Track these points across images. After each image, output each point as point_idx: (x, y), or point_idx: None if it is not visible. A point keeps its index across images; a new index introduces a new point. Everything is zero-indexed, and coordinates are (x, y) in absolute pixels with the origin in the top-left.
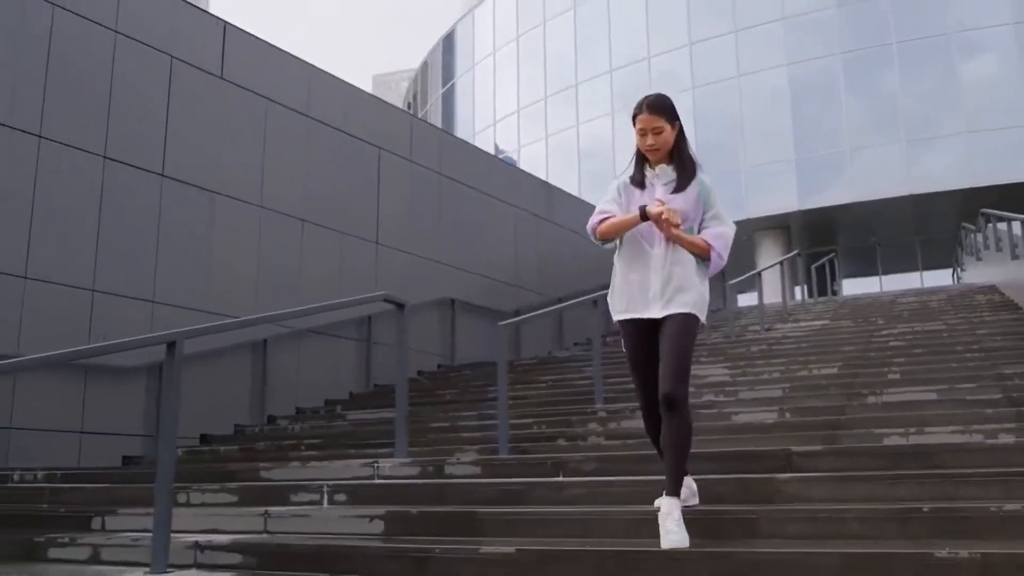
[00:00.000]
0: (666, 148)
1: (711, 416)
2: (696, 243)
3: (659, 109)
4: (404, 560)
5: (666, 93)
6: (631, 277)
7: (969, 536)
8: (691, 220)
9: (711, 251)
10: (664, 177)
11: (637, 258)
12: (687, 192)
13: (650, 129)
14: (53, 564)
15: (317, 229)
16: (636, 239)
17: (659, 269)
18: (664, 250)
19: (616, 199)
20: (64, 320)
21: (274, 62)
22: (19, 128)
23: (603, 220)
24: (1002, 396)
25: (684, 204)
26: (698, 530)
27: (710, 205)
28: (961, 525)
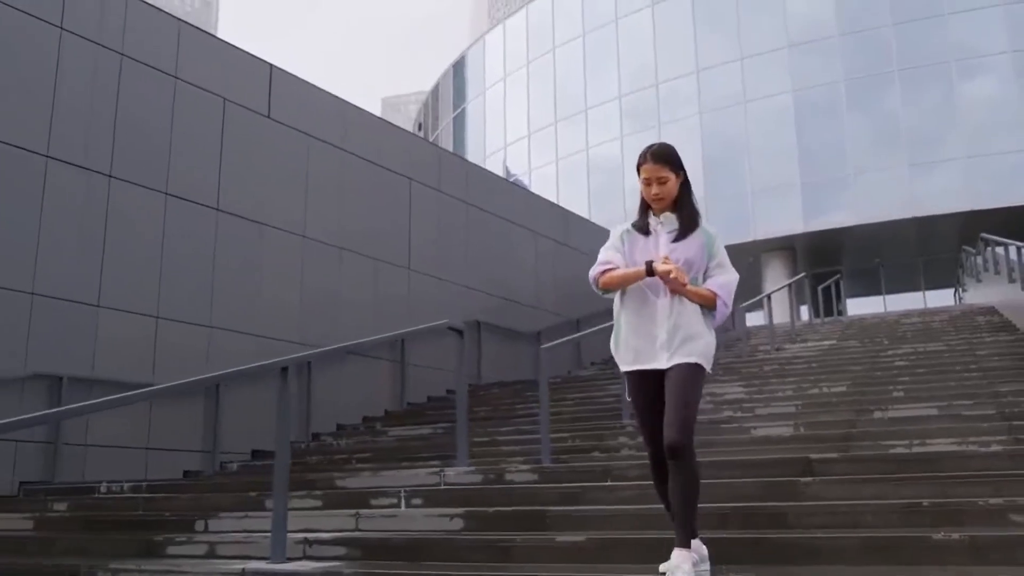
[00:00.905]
0: (670, 197)
1: (731, 430)
2: (702, 294)
3: (664, 159)
4: (490, 550)
5: (675, 118)
6: (637, 328)
7: (960, 524)
8: (696, 269)
9: (717, 300)
10: (668, 225)
11: (642, 308)
12: (691, 241)
13: (655, 179)
14: (177, 559)
15: (354, 256)
16: (640, 289)
17: (665, 319)
18: (670, 300)
19: (618, 247)
20: (132, 345)
21: (314, 100)
22: (93, 169)
23: (605, 271)
24: (996, 412)
25: (687, 253)
26: (733, 522)
27: (714, 254)
28: (954, 516)
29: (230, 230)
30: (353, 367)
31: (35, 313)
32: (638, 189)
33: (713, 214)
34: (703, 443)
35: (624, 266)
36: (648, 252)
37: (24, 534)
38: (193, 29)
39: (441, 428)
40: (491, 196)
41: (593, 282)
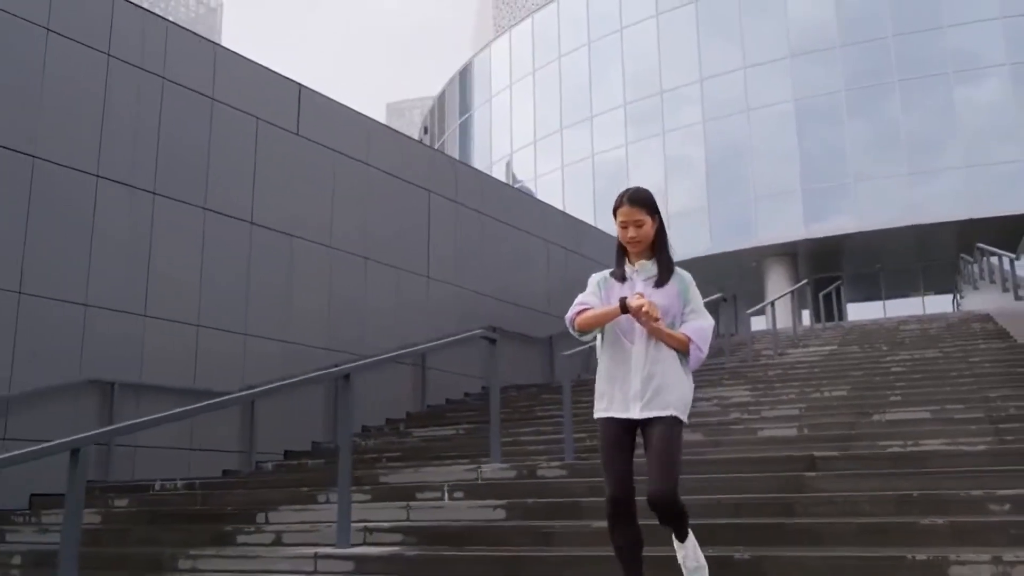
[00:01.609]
0: (647, 241)
1: (739, 431)
2: (677, 337)
3: (640, 202)
4: (533, 535)
5: (679, 126)
6: (612, 375)
7: (945, 512)
8: (672, 315)
9: (691, 345)
10: (644, 273)
11: (616, 355)
12: (667, 288)
13: (631, 222)
14: (249, 547)
15: (377, 265)
16: (616, 336)
17: (639, 368)
18: (644, 347)
19: (596, 293)
20: (176, 351)
21: (340, 117)
22: (138, 186)
23: (581, 311)
24: (984, 416)
25: (665, 299)
26: (746, 511)
27: (689, 300)
28: (940, 505)
29: (263, 242)
30: (377, 371)
31: (88, 323)
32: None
33: (716, 220)
34: (712, 443)
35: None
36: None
37: (95, 527)
38: (227, 52)
39: (463, 429)
40: (505, 206)
41: (570, 324)
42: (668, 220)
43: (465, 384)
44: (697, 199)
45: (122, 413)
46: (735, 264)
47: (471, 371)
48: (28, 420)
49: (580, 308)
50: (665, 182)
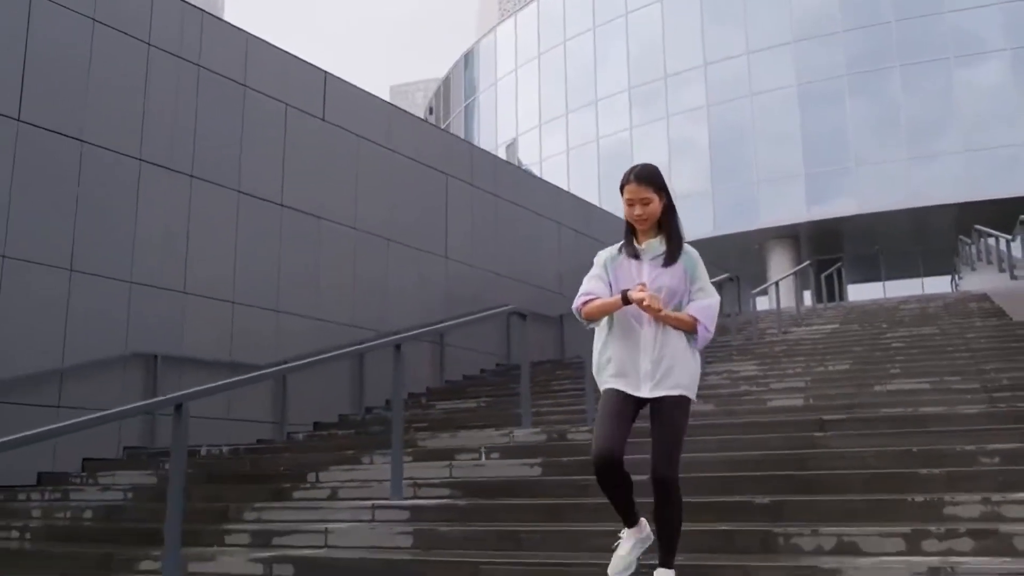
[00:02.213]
0: (653, 219)
1: (751, 401)
2: (683, 319)
3: (647, 180)
4: (571, 487)
5: (683, 110)
6: (621, 356)
7: (941, 464)
8: (679, 295)
9: (697, 325)
10: (652, 251)
11: (627, 337)
12: (674, 268)
13: (638, 200)
14: (308, 500)
15: (399, 247)
16: (626, 318)
17: (649, 350)
18: (654, 330)
19: (602, 275)
20: (213, 327)
21: (363, 103)
22: (177, 170)
23: (588, 301)
24: (980, 386)
25: (672, 280)
26: (765, 465)
27: (696, 278)
28: (937, 459)
29: (293, 224)
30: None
31: (132, 300)
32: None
33: (720, 203)
34: (725, 412)
35: (608, 294)
36: (631, 279)
37: (155, 486)
38: (258, 40)
39: (483, 402)
40: (517, 189)
41: (577, 313)
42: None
43: (481, 361)
44: (701, 182)
45: (165, 384)
46: (738, 246)
47: (486, 348)
48: (80, 390)
49: (586, 298)
50: (669, 165)
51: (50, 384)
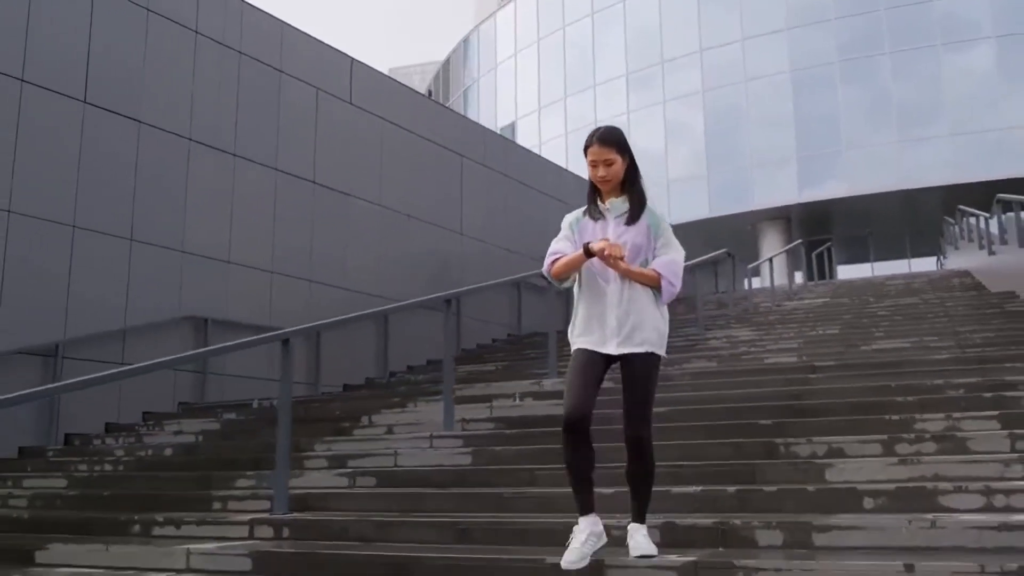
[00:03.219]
0: (616, 180)
1: (749, 359)
2: (646, 274)
3: (610, 142)
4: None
5: (679, 95)
6: (591, 313)
7: (915, 394)
8: (644, 252)
9: (661, 279)
10: (616, 210)
11: (594, 294)
12: (638, 225)
13: (601, 161)
14: (368, 435)
15: (419, 223)
16: (592, 276)
17: (615, 305)
18: (619, 286)
19: (569, 236)
20: (254, 294)
21: (385, 88)
22: (222, 149)
23: (555, 260)
24: (954, 344)
25: (636, 236)
26: (766, 397)
27: (660, 234)
28: (910, 389)
29: (324, 201)
30: (416, 318)
31: (184, 267)
32: (641, 154)
33: (714, 185)
34: (726, 370)
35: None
36: (596, 237)
37: (219, 431)
38: (292, 28)
39: (500, 366)
40: (527, 170)
41: (547, 274)
42: (668, 185)
43: (492, 331)
44: (696, 165)
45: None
46: (732, 228)
47: (497, 319)
48: (140, 348)
49: (554, 257)
50: (665, 149)
51: (114, 343)
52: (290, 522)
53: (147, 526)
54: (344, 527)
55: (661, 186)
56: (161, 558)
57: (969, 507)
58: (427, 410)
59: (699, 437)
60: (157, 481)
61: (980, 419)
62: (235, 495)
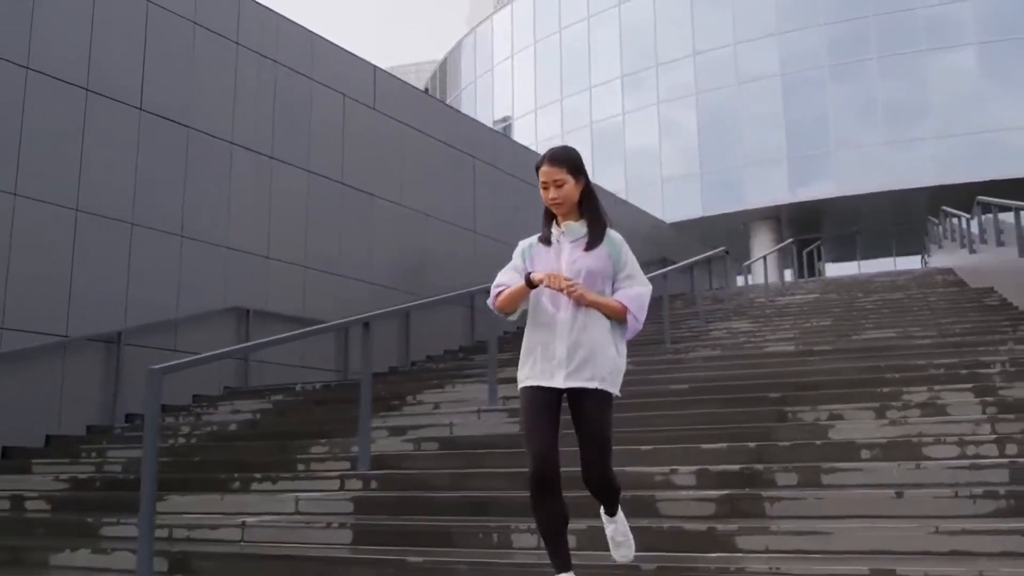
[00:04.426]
0: (569, 202)
1: (750, 348)
2: (612, 306)
3: (561, 161)
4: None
5: (673, 97)
6: (535, 342)
7: (902, 372)
8: (601, 280)
9: (627, 313)
10: (571, 235)
11: (541, 322)
12: (597, 250)
13: (551, 182)
14: (418, 410)
15: (435, 222)
16: (541, 303)
17: (565, 335)
18: (571, 315)
19: (519, 265)
20: (290, 287)
21: (405, 94)
22: (261, 152)
23: (499, 293)
24: (937, 333)
25: (594, 262)
26: (771, 376)
27: (622, 266)
28: (898, 368)
29: (351, 201)
30: (433, 313)
31: (228, 262)
32: (636, 154)
33: (707, 185)
34: (730, 350)
35: None
36: (549, 264)
37: (273, 410)
38: (321, 38)
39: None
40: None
41: (492, 306)
42: (662, 184)
43: (504, 324)
44: (689, 165)
45: (255, 333)
46: (724, 226)
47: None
48: (190, 336)
49: (498, 289)
50: (659, 149)
51: (166, 331)
52: (375, 476)
53: (246, 483)
54: (423, 479)
55: (655, 185)
56: (272, 504)
57: (946, 455)
58: (466, 390)
59: (717, 407)
60: (235, 450)
61: (957, 391)
62: (314, 458)
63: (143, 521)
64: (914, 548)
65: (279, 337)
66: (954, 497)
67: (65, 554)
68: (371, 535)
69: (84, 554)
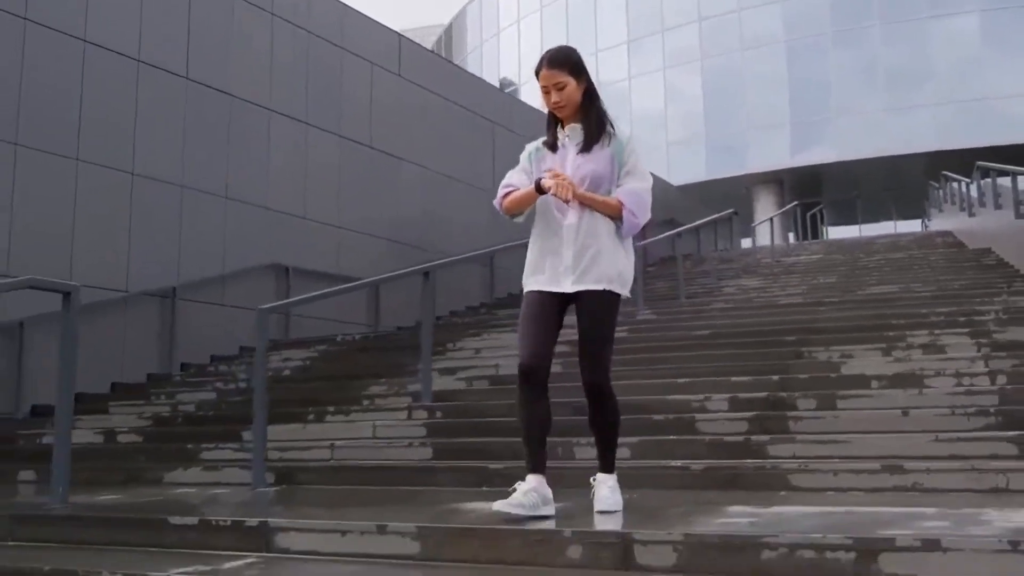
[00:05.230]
0: (573, 104)
1: (762, 301)
2: (608, 203)
3: (561, 63)
4: (646, 340)
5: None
6: (543, 249)
7: (905, 318)
8: (606, 182)
9: (623, 209)
10: (576, 137)
11: (549, 229)
12: (599, 152)
13: (552, 85)
14: (461, 355)
15: (458, 184)
16: (548, 209)
17: (571, 241)
18: (577, 220)
19: (526, 168)
20: (325, 246)
21: (428, 62)
22: (299, 119)
23: (507, 194)
24: (936, 288)
25: (597, 165)
26: (786, 323)
27: (625, 162)
28: (901, 315)
29: (379, 164)
30: (453, 270)
31: (269, 223)
32: (641, 119)
33: (711, 149)
34: (744, 303)
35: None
36: (555, 168)
37: (319, 360)
38: (352, 10)
39: None
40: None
41: (498, 207)
42: (667, 148)
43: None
44: (694, 130)
45: (296, 288)
46: (727, 190)
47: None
48: (236, 291)
49: (506, 191)
50: (665, 114)
51: (215, 287)
52: (439, 407)
53: (320, 415)
54: (481, 409)
55: (660, 149)
56: (351, 431)
57: (945, 385)
58: (502, 337)
59: (739, 348)
60: (299, 390)
61: (955, 334)
62: (376, 395)
63: (257, 435)
64: (918, 453)
65: (364, 282)
66: (951, 415)
67: (177, 472)
68: (448, 452)
69: (195, 471)
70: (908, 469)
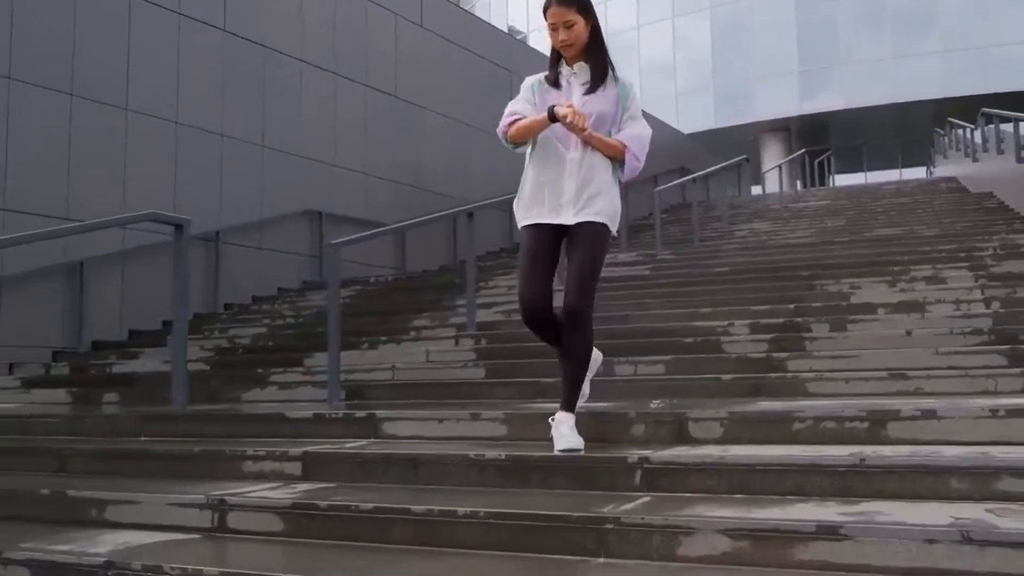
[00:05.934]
0: (580, 43)
1: (775, 242)
2: (613, 144)
3: (570, 1)
4: (675, 280)
5: (687, 11)
6: (541, 180)
7: (909, 254)
8: (609, 122)
9: (626, 152)
10: (582, 76)
11: (550, 161)
12: (604, 93)
13: (561, 23)
14: (495, 291)
15: (480, 134)
16: (551, 141)
17: (574, 174)
18: (580, 154)
19: (529, 99)
20: (354, 192)
21: (449, 12)
22: (326, 68)
23: (513, 122)
24: (939, 229)
25: (600, 105)
26: (799, 258)
27: (627, 107)
28: (907, 253)
29: (403, 113)
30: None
31: (301, 170)
32: (650, 68)
33: (719, 97)
34: (757, 244)
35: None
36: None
37: (356, 299)
38: None
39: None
40: None
41: (502, 135)
42: (676, 97)
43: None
44: (702, 78)
45: (328, 234)
46: (735, 137)
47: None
48: (272, 236)
49: (512, 118)
50: (673, 62)
51: (252, 232)
52: (483, 335)
53: (373, 344)
54: (523, 336)
55: (669, 98)
56: (406, 356)
57: (944, 310)
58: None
59: (755, 282)
60: (347, 323)
61: (955, 268)
62: (422, 327)
63: (332, 355)
64: (920, 364)
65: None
66: (950, 334)
67: (255, 391)
68: (500, 371)
69: (271, 390)
70: (911, 376)
